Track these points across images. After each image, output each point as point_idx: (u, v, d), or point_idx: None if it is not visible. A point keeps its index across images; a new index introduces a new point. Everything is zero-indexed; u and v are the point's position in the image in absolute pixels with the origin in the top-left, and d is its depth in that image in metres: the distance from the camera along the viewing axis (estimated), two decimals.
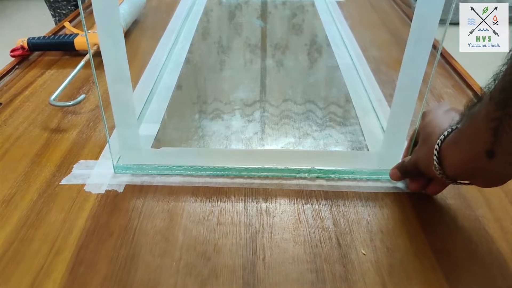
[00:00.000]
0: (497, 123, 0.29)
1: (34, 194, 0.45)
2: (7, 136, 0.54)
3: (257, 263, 0.38)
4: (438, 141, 0.37)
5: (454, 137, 0.36)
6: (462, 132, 0.35)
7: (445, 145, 0.37)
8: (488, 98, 0.30)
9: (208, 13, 0.98)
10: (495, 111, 0.29)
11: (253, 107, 0.62)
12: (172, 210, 0.43)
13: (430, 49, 0.40)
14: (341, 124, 0.59)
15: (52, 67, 0.71)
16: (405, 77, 0.42)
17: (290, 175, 0.48)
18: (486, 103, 0.31)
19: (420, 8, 0.38)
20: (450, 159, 0.37)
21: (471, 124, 0.34)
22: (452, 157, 0.36)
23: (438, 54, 0.41)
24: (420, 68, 0.41)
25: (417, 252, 0.39)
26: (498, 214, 0.43)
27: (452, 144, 0.36)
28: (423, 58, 0.40)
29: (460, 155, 0.35)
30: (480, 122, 0.31)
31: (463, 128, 0.35)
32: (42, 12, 1.51)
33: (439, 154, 0.37)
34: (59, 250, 0.39)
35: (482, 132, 0.31)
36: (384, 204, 0.44)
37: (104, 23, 0.39)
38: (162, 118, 0.59)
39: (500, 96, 0.29)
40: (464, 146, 0.35)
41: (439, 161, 0.37)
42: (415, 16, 0.39)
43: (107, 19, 0.39)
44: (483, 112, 0.31)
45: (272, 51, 0.82)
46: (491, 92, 0.30)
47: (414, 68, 0.41)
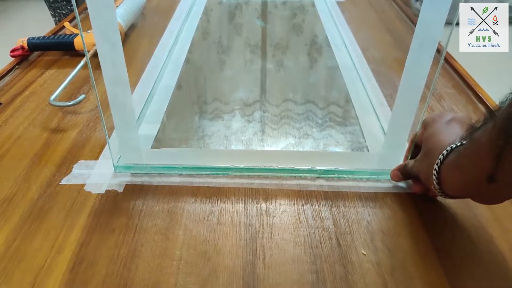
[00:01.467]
0: (499, 150, 0.29)
1: (35, 194, 0.45)
2: (7, 136, 0.54)
3: (257, 264, 0.38)
4: (438, 161, 0.37)
5: (455, 159, 0.36)
6: (464, 156, 0.35)
7: (445, 166, 0.37)
8: (492, 125, 0.30)
9: (208, 13, 0.98)
10: (498, 140, 0.29)
11: (253, 107, 0.62)
12: (172, 210, 0.43)
13: (434, 53, 0.40)
14: (341, 124, 0.59)
15: (52, 67, 0.71)
16: (407, 80, 0.42)
17: (290, 175, 0.48)
18: (490, 130, 0.30)
19: (424, 12, 0.38)
20: (450, 181, 0.37)
21: (473, 148, 0.33)
22: (452, 179, 0.36)
23: (441, 58, 0.41)
24: (423, 72, 0.41)
25: (419, 251, 0.39)
26: (498, 213, 0.43)
27: (453, 166, 0.36)
28: (427, 62, 0.40)
29: (460, 178, 0.35)
30: (482, 147, 0.31)
31: (464, 151, 0.35)
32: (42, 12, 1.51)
33: (439, 174, 0.37)
34: (60, 249, 0.39)
35: (484, 158, 0.31)
36: (385, 204, 0.44)
37: (100, 26, 0.39)
38: (162, 118, 0.59)
39: (504, 125, 0.29)
40: (465, 170, 0.35)
41: (439, 181, 0.37)
42: (419, 20, 0.38)
43: (103, 23, 0.39)
44: (486, 138, 0.31)
45: (272, 51, 0.82)
46: (496, 119, 0.30)
47: (417, 71, 0.41)
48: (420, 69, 0.41)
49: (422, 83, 0.41)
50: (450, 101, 0.63)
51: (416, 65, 0.41)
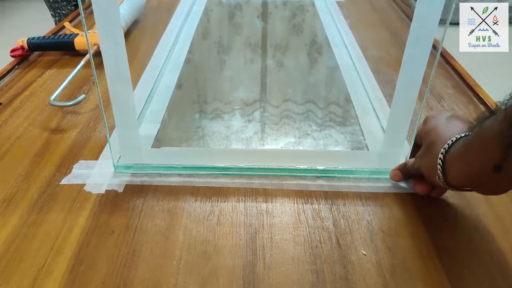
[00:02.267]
0: (509, 141, 0.29)
1: (35, 194, 0.45)
2: (7, 136, 0.54)
3: (257, 264, 0.38)
4: (442, 150, 0.37)
5: (461, 149, 0.36)
6: (470, 146, 0.35)
7: (450, 156, 0.37)
8: (503, 116, 0.30)
9: (208, 13, 0.98)
10: (509, 130, 0.29)
11: (253, 107, 0.62)
12: (172, 210, 0.43)
13: (430, 48, 0.40)
14: (341, 124, 0.59)
15: (52, 67, 0.71)
16: (405, 76, 0.42)
17: (290, 175, 0.48)
18: (500, 120, 0.30)
19: (420, 7, 0.38)
20: (455, 171, 0.36)
21: (480, 139, 0.33)
22: (457, 169, 0.36)
23: (438, 54, 0.41)
24: (420, 67, 0.41)
25: (419, 251, 0.39)
26: (499, 213, 0.43)
27: (458, 156, 0.36)
28: (423, 57, 0.40)
29: (466, 168, 0.35)
30: (492, 137, 0.31)
31: (471, 141, 0.35)
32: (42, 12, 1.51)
33: (443, 164, 0.37)
34: (60, 249, 0.39)
35: (493, 147, 0.31)
36: (385, 204, 0.44)
37: (104, 23, 0.39)
38: (162, 118, 0.59)
39: None
40: (471, 160, 0.35)
41: (443, 171, 0.37)
42: (415, 15, 0.39)
43: (107, 20, 0.39)
44: (496, 129, 0.31)
45: (272, 51, 0.82)
46: (507, 110, 0.30)
47: (414, 67, 0.41)
48: (417, 64, 0.41)
49: (419, 78, 0.42)
50: (450, 101, 0.62)
51: (413, 60, 0.41)
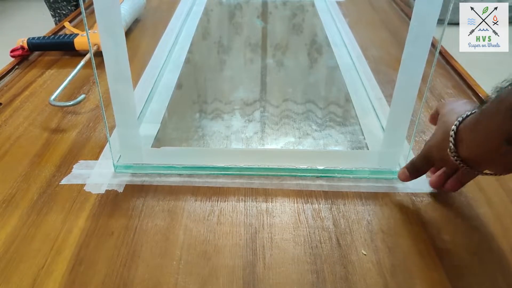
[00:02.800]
0: None
1: (35, 194, 0.45)
2: (7, 136, 0.54)
3: (257, 264, 0.38)
4: (456, 122, 0.37)
5: (474, 120, 0.36)
6: (484, 116, 0.35)
7: (463, 127, 0.37)
8: None
9: (208, 13, 0.98)
10: None
11: (253, 107, 0.62)
12: (172, 210, 0.43)
13: (429, 46, 0.40)
14: (341, 124, 0.59)
15: (52, 67, 0.71)
16: (404, 75, 0.42)
17: (290, 175, 0.48)
18: None
19: (418, 6, 0.38)
20: (467, 141, 0.36)
21: (493, 110, 0.33)
22: (469, 140, 0.36)
23: (436, 52, 0.41)
24: (419, 66, 0.41)
25: (419, 251, 0.39)
26: (499, 212, 0.43)
27: (471, 126, 0.36)
28: (422, 56, 0.40)
29: (478, 139, 0.35)
30: (504, 109, 0.31)
31: (485, 112, 0.35)
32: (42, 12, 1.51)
33: (456, 135, 0.37)
34: (60, 250, 0.39)
35: (505, 120, 0.31)
36: (385, 204, 0.44)
37: (105, 22, 0.39)
38: (162, 117, 0.59)
39: None
40: (483, 130, 0.35)
41: (455, 143, 0.37)
42: (414, 13, 0.39)
43: (108, 19, 0.39)
44: (509, 100, 0.31)
45: (272, 51, 0.82)
46: None
47: (413, 66, 0.41)
48: (416, 62, 0.41)
49: (419, 76, 0.42)
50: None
51: (412, 59, 0.41)
